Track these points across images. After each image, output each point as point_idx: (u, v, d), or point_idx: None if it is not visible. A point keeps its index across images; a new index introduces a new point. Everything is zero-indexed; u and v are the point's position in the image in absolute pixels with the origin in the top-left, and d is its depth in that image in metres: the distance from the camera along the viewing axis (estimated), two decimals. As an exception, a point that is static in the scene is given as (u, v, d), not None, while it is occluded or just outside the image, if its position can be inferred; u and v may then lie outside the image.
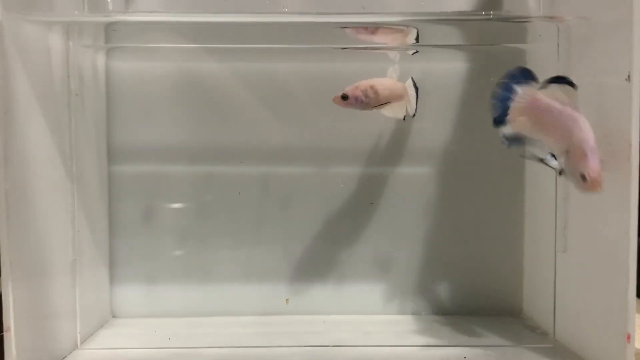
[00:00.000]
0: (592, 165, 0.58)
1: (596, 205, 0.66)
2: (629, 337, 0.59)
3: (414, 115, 0.81)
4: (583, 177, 0.58)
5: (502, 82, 0.67)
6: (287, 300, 0.88)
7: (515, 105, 0.66)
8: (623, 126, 0.60)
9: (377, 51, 0.85)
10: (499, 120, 0.67)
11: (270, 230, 0.87)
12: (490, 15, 0.74)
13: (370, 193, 0.87)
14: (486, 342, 0.75)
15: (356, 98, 0.76)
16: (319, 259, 0.87)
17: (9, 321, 0.60)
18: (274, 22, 0.76)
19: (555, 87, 0.63)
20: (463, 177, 0.87)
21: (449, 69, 0.86)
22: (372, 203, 0.87)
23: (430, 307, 0.87)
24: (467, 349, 0.72)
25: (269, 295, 0.87)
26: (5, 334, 0.60)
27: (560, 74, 0.73)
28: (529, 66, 0.84)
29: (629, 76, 0.59)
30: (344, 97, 0.76)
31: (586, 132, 0.60)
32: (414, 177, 0.87)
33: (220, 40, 0.84)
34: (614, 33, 0.62)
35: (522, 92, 0.65)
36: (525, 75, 0.66)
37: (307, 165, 0.87)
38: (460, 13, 0.82)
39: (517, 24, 0.79)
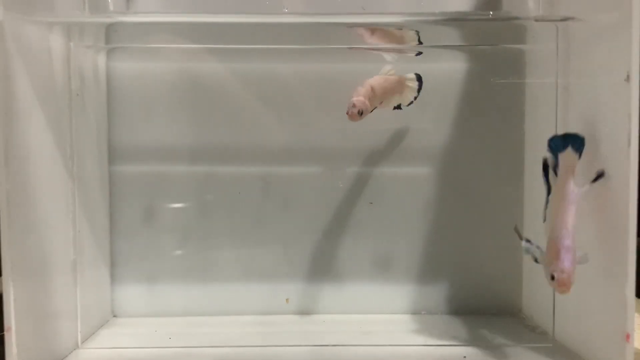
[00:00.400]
0: (562, 266, 0.57)
1: (595, 205, 0.66)
2: (628, 337, 0.59)
3: (409, 105, 0.81)
4: (552, 276, 0.57)
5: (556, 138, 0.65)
6: (287, 299, 0.88)
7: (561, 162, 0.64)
8: (622, 126, 0.60)
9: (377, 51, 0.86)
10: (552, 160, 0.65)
11: (270, 230, 0.87)
12: (489, 15, 0.74)
13: (370, 193, 0.87)
14: (486, 341, 0.75)
15: (366, 108, 0.74)
16: (319, 259, 0.88)
17: (10, 321, 0.60)
18: (274, 23, 0.76)
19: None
20: (463, 177, 0.87)
21: (449, 69, 0.86)
22: (372, 203, 0.87)
23: (430, 307, 0.88)
24: (467, 348, 0.73)
25: (269, 294, 0.87)
26: (6, 334, 0.60)
27: (560, 74, 0.74)
28: (529, 66, 0.85)
29: (628, 76, 0.59)
30: (360, 113, 0.73)
31: (569, 226, 0.59)
32: (414, 177, 0.87)
33: (220, 40, 0.85)
34: (613, 33, 0.62)
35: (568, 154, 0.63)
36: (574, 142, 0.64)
37: (307, 165, 0.87)
38: (459, 13, 0.83)
39: (517, 25, 0.79)
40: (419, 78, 0.81)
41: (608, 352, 0.63)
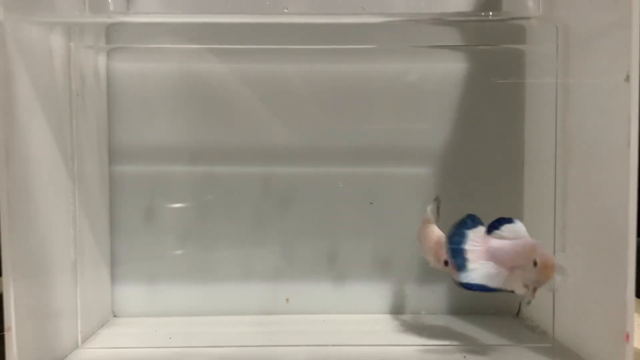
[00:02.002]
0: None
1: (595, 205, 0.66)
2: (627, 337, 0.59)
3: None
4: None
5: (453, 230, 0.69)
6: (287, 299, 0.88)
7: (470, 248, 0.67)
8: (622, 126, 0.60)
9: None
10: (461, 265, 0.67)
11: (270, 230, 0.87)
12: (489, 15, 0.74)
13: (370, 193, 0.87)
14: (486, 341, 0.75)
15: None
16: (319, 259, 0.88)
17: (10, 320, 0.60)
18: (273, 23, 0.76)
19: (504, 229, 0.66)
20: (463, 177, 0.87)
21: (449, 69, 0.86)
22: (372, 203, 0.87)
23: (430, 307, 0.88)
24: (467, 348, 0.73)
25: (269, 294, 0.87)
26: (6, 334, 0.60)
27: (559, 74, 0.74)
28: (529, 66, 0.85)
29: (627, 76, 0.59)
30: None
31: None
32: (414, 177, 0.87)
33: (220, 40, 0.85)
34: (613, 33, 0.62)
35: (473, 236, 0.68)
36: (474, 221, 0.69)
37: (307, 165, 0.87)
38: (459, 14, 0.83)
39: (516, 25, 0.79)
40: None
41: (608, 352, 0.63)
